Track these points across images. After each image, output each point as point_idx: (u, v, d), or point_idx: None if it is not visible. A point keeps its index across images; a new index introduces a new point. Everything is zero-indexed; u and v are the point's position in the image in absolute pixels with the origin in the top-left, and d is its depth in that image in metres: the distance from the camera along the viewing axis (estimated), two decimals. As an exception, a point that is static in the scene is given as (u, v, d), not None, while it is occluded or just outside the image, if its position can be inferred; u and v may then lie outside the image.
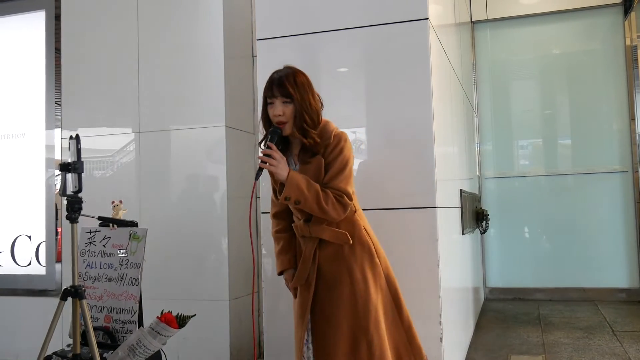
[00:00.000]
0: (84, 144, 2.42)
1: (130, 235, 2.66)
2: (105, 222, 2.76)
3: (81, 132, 3.51)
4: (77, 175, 2.19)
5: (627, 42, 4.97)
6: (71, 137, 2.23)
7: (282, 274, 2.21)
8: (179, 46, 3.49)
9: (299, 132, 1.98)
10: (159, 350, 2.46)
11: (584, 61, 5.20)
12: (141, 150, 3.53)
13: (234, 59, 3.53)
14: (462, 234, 3.53)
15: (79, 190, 2.19)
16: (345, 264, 2.02)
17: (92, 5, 3.72)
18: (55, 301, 2.28)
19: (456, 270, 3.26)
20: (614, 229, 4.96)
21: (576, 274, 5.03)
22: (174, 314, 2.36)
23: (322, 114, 2.08)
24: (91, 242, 2.73)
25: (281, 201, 1.97)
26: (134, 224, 2.73)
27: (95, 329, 2.36)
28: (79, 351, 2.20)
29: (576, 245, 5.10)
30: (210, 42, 3.43)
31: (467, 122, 4.40)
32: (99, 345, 2.37)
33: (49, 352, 2.32)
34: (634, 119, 4.88)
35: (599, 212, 5.01)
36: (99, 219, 2.74)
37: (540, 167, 5.26)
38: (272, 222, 2.26)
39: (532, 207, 5.24)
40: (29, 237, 3.92)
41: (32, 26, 4.02)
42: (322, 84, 2.64)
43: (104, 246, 2.70)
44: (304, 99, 1.98)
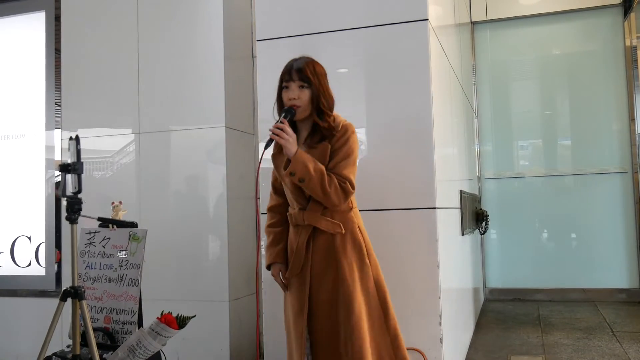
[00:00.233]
0: (83, 144, 2.42)
1: (130, 236, 2.66)
2: (105, 222, 2.76)
3: (81, 132, 3.51)
4: (76, 176, 2.19)
5: (627, 43, 4.98)
6: (71, 138, 2.23)
7: (270, 268, 2.21)
8: (179, 47, 3.49)
9: (316, 113, 2.04)
10: (159, 351, 2.46)
11: (583, 62, 5.20)
12: (141, 151, 3.53)
13: (234, 60, 3.53)
14: (462, 234, 3.53)
15: (79, 191, 2.19)
16: (334, 257, 2.04)
17: (92, 6, 3.73)
18: (54, 302, 2.28)
19: (456, 270, 3.26)
20: (614, 229, 4.96)
21: (576, 274, 5.03)
22: (174, 314, 2.36)
23: None
24: (91, 243, 2.73)
25: (285, 175, 1.98)
26: (133, 225, 2.73)
27: (95, 329, 2.36)
28: (78, 352, 2.20)
29: (576, 245, 5.11)
30: (210, 43, 3.43)
31: (467, 122, 4.40)
32: (99, 346, 2.37)
33: (49, 352, 2.32)
34: (633, 120, 4.88)
35: (599, 212, 5.01)
36: (99, 219, 2.74)
37: (540, 168, 5.26)
38: (267, 217, 2.27)
39: (532, 207, 5.24)
40: (29, 238, 3.92)
41: (32, 27, 4.02)
42: (322, 84, 2.64)
43: (104, 247, 2.70)
44: (321, 84, 2.06)
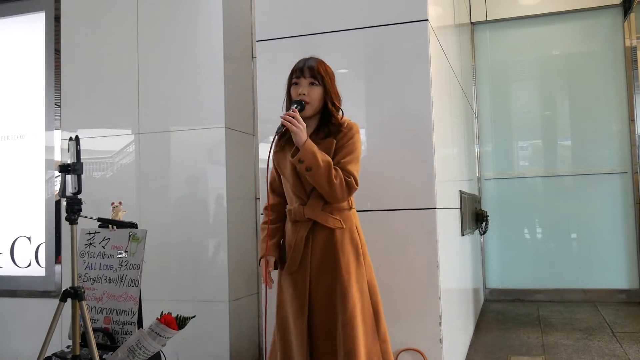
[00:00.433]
0: (83, 145, 2.42)
1: (129, 236, 2.66)
2: (104, 223, 2.76)
3: (81, 133, 3.51)
4: (76, 176, 2.19)
5: (627, 43, 4.98)
6: (71, 139, 2.23)
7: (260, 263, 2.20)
8: (179, 47, 3.49)
9: (325, 111, 2.10)
10: (159, 351, 2.46)
11: (583, 62, 5.20)
12: (141, 151, 3.53)
13: (234, 60, 3.53)
14: (462, 235, 3.53)
15: (79, 191, 2.19)
16: (333, 253, 2.05)
17: (92, 6, 3.73)
18: (54, 302, 2.28)
19: (456, 271, 3.26)
20: (614, 230, 4.95)
21: (576, 275, 5.03)
22: (174, 315, 2.36)
23: None
24: (91, 244, 2.73)
25: (294, 162, 1.99)
26: (133, 225, 2.73)
27: (94, 330, 2.36)
28: (78, 352, 2.20)
29: (576, 246, 5.11)
30: (210, 44, 3.43)
31: (466, 123, 4.40)
32: (99, 346, 2.37)
33: (49, 353, 2.32)
34: (633, 120, 4.88)
35: (599, 213, 5.01)
36: (99, 220, 2.74)
37: (539, 168, 5.26)
38: (263, 215, 2.27)
39: (531, 208, 5.24)
40: (29, 239, 3.92)
41: (32, 27, 4.02)
42: (322, 85, 2.64)
43: (104, 247, 2.70)
44: (332, 83, 2.13)
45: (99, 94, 3.66)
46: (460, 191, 3.51)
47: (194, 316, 2.41)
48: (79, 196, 2.20)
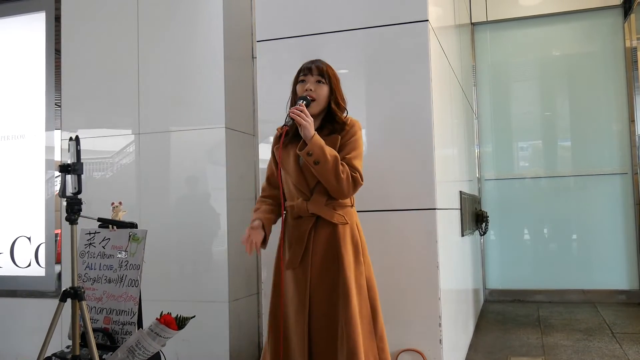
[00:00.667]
0: (83, 145, 2.42)
1: (129, 236, 2.66)
2: (104, 223, 2.76)
3: (81, 133, 3.51)
4: (76, 176, 2.20)
5: (627, 44, 4.98)
6: (71, 139, 2.23)
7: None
8: (179, 48, 3.49)
9: (334, 106, 2.13)
10: (159, 351, 2.46)
11: (583, 63, 5.20)
12: (141, 151, 3.53)
13: (234, 61, 3.53)
14: (462, 235, 3.53)
15: (79, 191, 2.19)
16: (335, 249, 2.05)
17: (92, 6, 3.73)
18: (54, 303, 2.28)
19: (456, 271, 3.26)
20: (614, 230, 4.95)
21: (576, 275, 5.03)
22: (174, 315, 2.36)
23: None
24: (91, 244, 2.73)
25: (302, 156, 2.00)
26: (133, 225, 2.73)
27: (94, 330, 2.36)
28: (78, 353, 2.20)
29: (576, 247, 5.11)
30: (210, 44, 3.43)
31: (467, 123, 4.40)
32: (99, 346, 2.37)
33: (49, 353, 2.32)
34: (633, 121, 4.88)
35: (599, 213, 5.01)
36: (99, 220, 2.74)
37: (540, 169, 5.26)
38: (256, 202, 2.26)
39: (531, 208, 5.24)
40: (29, 239, 3.92)
41: (32, 27, 4.02)
42: (322, 85, 2.64)
43: (104, 247, 2.70)
44: (338, 85, 2.18)
45: (99, 94, 3.66)
46: (460, 192, 3.51)
47: (194, 316, 2.41)
48: (79, 196, 2.20)
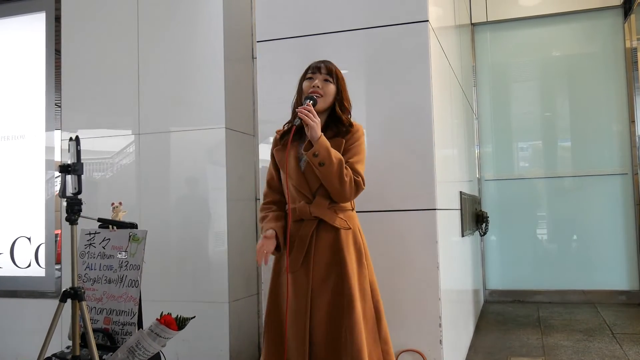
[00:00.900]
0: (83, 145, 2.42)
1: (129, 236, 2.66)
2: (104, 223, 2.75)
3: (81, 133, 3.51)
4: (76, 176, 2.19)
5: (627, 45, 4.98)
6: (71, 139, 2.23)
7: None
8: (179, 48, 3.49)
9: (340, 107, 2.15)
10: (159, 352, 2.46)
11: (583, 63, 5.20)
12: (141, 152, 3.53)
13: (234, 61, 3.53)
14: (462, 236, 3.53)
15: (79, 191, 2.19)
16: (338, 253, 2.04)
17: (92, 7, 3.73)
18: (54, 303, 2.27)
19: (456, 272, 3.26)
20: (614, 231, 4.95)
21: (576, 276, 5.02)
22: (174, 315, 2.36)
23: None
24: (91, 244, 2.73)
25: (308, 156, 1.99)
26: (133, 226, 2.73)
27: (94, 330, 2.36)
28: (78, 353, 2.20)
29: (576, 247, 5.10)
30: (210, 44, 3.43)
31: (467, 124, 4.40)
32: (99, 347, 2.37)
33: (49, 354, 2.31)
34: (633, 121, 4.88)
35: (599, 214, 5.01)
36: (99, 220, 2.74)
37: (540, 170, 5.26)
38: (262, 210, 2.24)
39: (532, 209, 5.23)
40: (29, 239, 3.92)
41: (32, 28, 4.02)
42: (322, 85, 2.63)
43: (104, 248, 2.70)
44: (344, 86, 2.20)
45: (99, 95, 3.66)
46: (460, 192, 3.51)
47: (194, 317, 2.41)
48: (79, 196, 2.20)
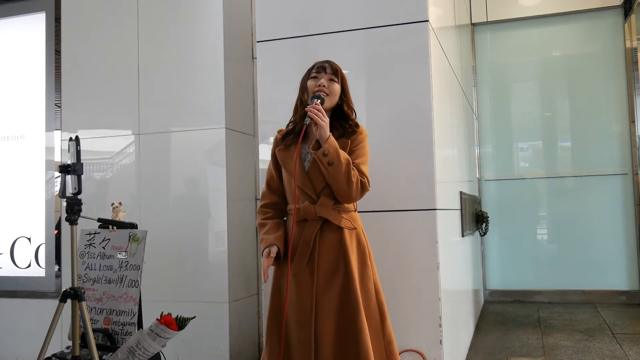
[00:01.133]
0: (83, 145, 2.42)
1: (129, 237, 2.66)
2: (104, 223, 2.75)
3: (81, 133, 3.51)
4: (76, 177, 2.19)
5: (627, 45, 4.98)
6: (71, 139, 2.23)
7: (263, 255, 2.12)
8: (179, 48, 3.49)
9: (347, 107, 2.16)
10: (159, 352, 2.45)
11: (584, 63, 5.20)
12: (141, 152, 3.53)
13: (234, 61, 3.53)
14: (462, 236, 3.53)
15: (79, 192, 2.19)
16: (343, 253, 2.03)
17: (92, 7, 3.73)
18: (54, 303, 2.27)
19: (456, 272, 3.26)
20: (614, 231, 4.95)
21: (576, 276, 5.02)
22: (174, 316, 2.35)
23: None
24: (91, 244, 2.73)
25: (318, 155, 1.99)
26: (133, 226, 2.73)
27: (94, 331, 2.36)
28: (78, 353, 2.20)
29: (576, 247, 5.10)
30: (210, 44, 3.43)
31: (467, 124, 4.40)
32: (98, 347, 2.37)
33: (48, 354, 2.31)
34: (634, 122, 4.88)
35: (599, 214, 5.01)
36: (99, 220, 2.74)
37: (540, 170, 5.26)
38: (260, 213, 2.22)
39: (532, 209, 5.23)
40: (29, 239, 3.92)
41: (32, 28, 4.02)
42: (322, 86, 2.64)
43: (104, 248, 2.70)
44: (347, 88, 2.21)
45: (99, 95, 3.66)
46: (460, 192, 3.51)
47: (194, 317, 2.41)
48: (79, 196, 2.20)
